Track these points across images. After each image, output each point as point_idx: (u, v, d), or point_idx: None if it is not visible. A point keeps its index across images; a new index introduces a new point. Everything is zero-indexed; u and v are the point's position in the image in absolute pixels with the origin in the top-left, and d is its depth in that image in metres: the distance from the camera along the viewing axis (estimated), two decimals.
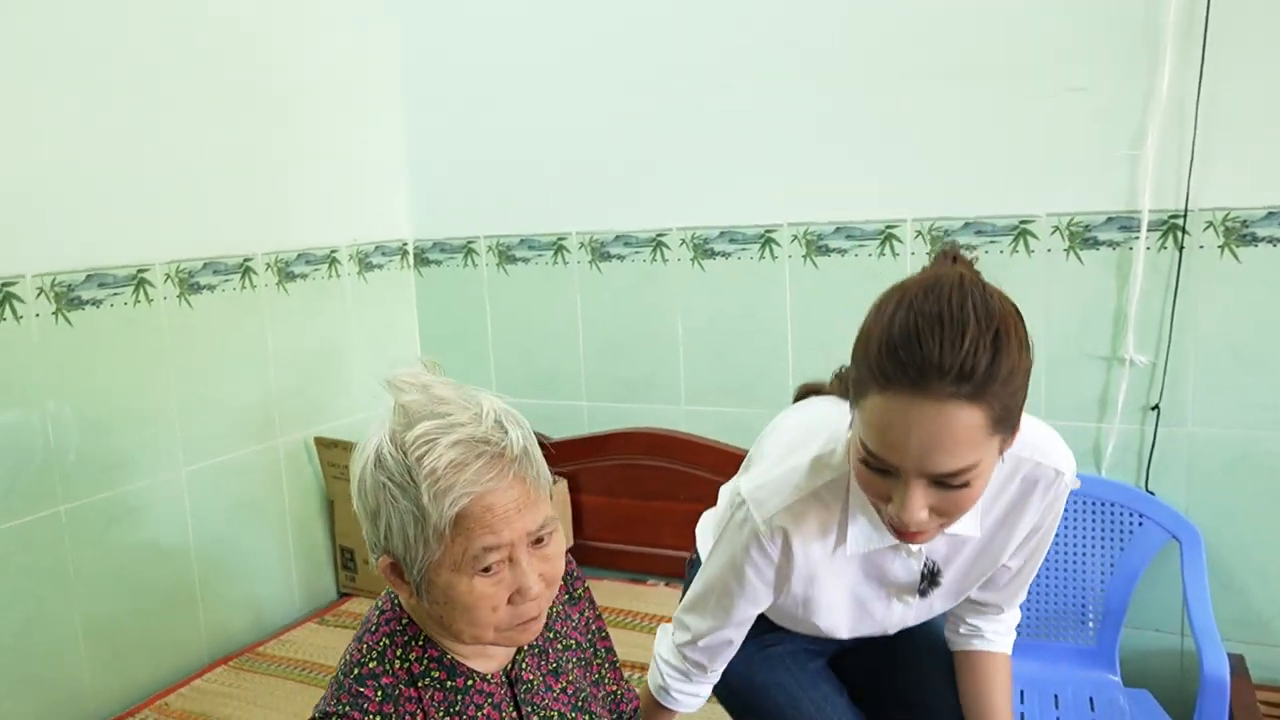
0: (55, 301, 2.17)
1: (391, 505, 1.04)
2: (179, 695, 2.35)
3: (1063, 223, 2.35)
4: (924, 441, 1.06)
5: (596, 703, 1.31)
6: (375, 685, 1.10)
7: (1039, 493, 1.29)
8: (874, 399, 1.08)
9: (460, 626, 1.08)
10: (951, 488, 1.10)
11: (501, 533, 1.04)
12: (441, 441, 1.03)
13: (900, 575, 1.36)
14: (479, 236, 3.05)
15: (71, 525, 2.21)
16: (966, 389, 1.03)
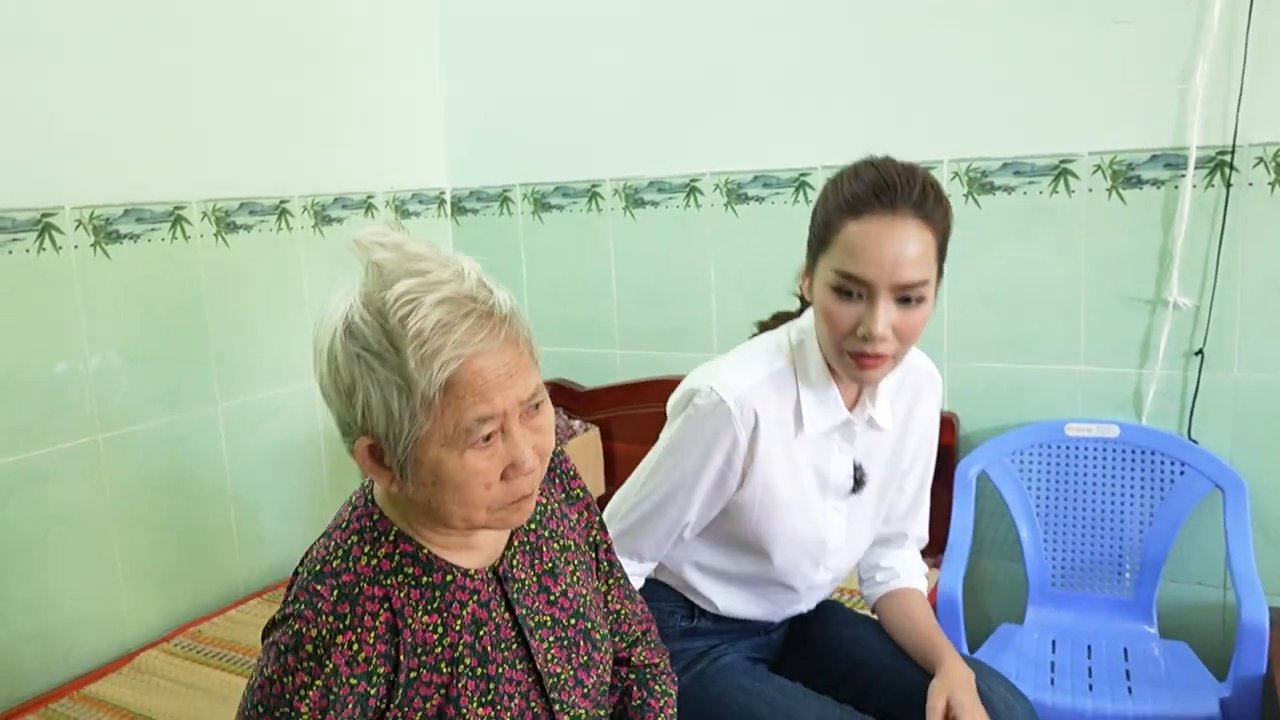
0: (94, 234, 2.22)
1: (370, 378, 0.95)
2: (212, 624, 2.41)
3: (1105, 161, 2.28)
4: (896, 252, 1.29)
5: (597, 612, 1.24)
6: (334, 583, 1.01)
7: (924, 393, 1.56)
8: (849, 228, 1.31)
9: (450, 508, 1.00)
10: (910, 307, 1.32)
11: (494, 400, 0.96)
12: (425, 300, 0.94)
13: (837, 476, 1.51)
14: (514, 184, 3.06)
15: (109, 454, 2.27)
16: (922, 212, 1.30)
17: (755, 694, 1.50)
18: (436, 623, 1.05)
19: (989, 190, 2.40)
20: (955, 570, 2.21)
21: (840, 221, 1.32)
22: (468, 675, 1.07)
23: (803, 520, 1.50)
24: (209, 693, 2.10)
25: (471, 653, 1.07)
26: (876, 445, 1.53)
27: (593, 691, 1.20)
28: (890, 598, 1.64)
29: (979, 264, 2.45)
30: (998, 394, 2.47)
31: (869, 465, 1.53)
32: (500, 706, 1.08)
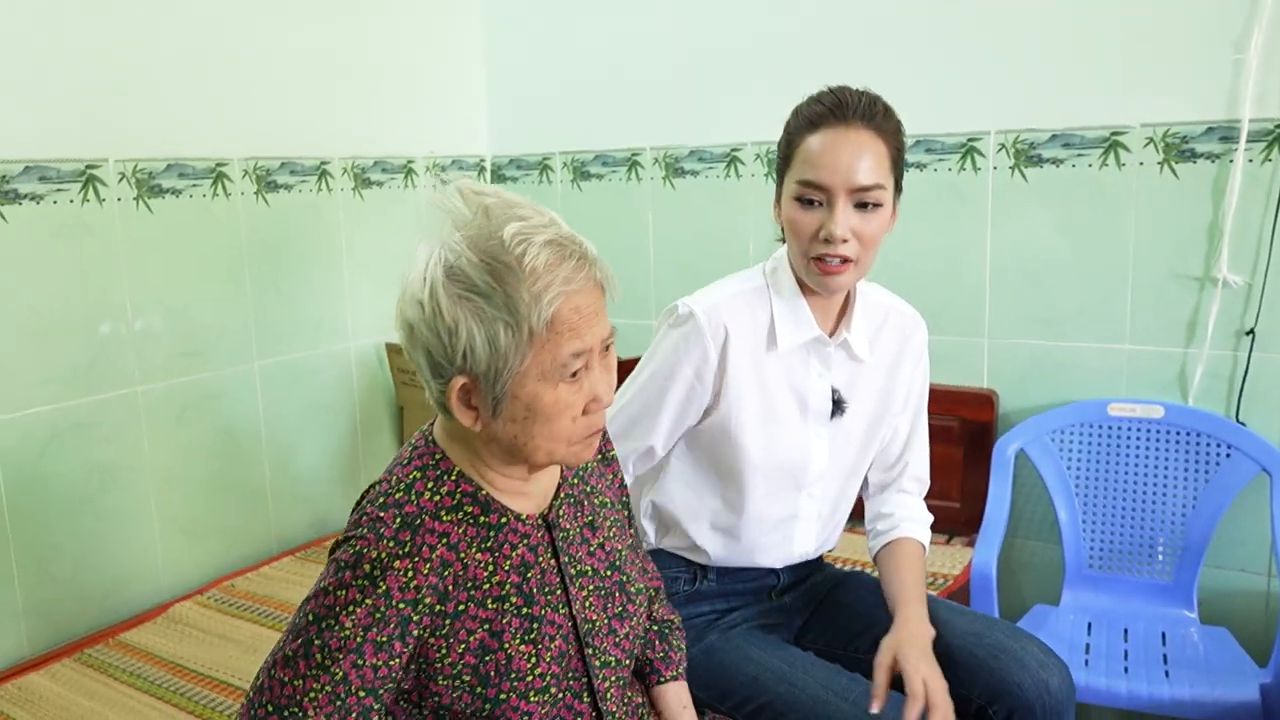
0: (137, 188, 2.25)
1: (475, 318, 1.01)
2: (245, 579, 2.45)
3: (1158, 134, 2.23)
4: (852, 158, 1.40)
5: (633, 568, 1.28)
6: (397, 513, 1.07)
7: (908, 334, 1.64)
8: (808, 141, 1.42)
9: (537, 442, 1.07)
10: (868, 211, 1.42)
11: (586, 336, 1.04)
12: (535, 240, 1.02)
13: (816, 398, 1.57)
14: (554, 153, 3.06)
15: (147, 406, 2.31)
16: (874, 125, 1.41)
17: (764, 665, 1.50)
18: (488, 561, 1.11)
19: (1036, 163, 2.36)
20: (990, 549, 2.18)
21: (799, 138, 1.44)
22: (513, 613, 1.11)
23: (781, 436, 1.55)
24: (239, 643, 2.13)
25: (518, 592, 1.12)
26: (858, 376, 1.60)
27: (624, 641, 1.23)
28: (886, 549, 1.65)
29: (1023, 238, 2.40)
30: (1039, 371, 2.43)
31: (850, 393, 1.59)
32: (541, 645, 1.13)
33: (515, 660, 1.11)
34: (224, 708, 1.89)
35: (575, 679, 1.17)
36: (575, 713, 1.17)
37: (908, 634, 1.44)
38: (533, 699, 1.12)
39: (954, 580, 2.27)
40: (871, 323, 1.61)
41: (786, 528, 1.62)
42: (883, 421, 1.65)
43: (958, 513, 2.52)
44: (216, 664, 2.05)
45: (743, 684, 1.49)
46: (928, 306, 2.50)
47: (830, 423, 1.58)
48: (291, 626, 1.06)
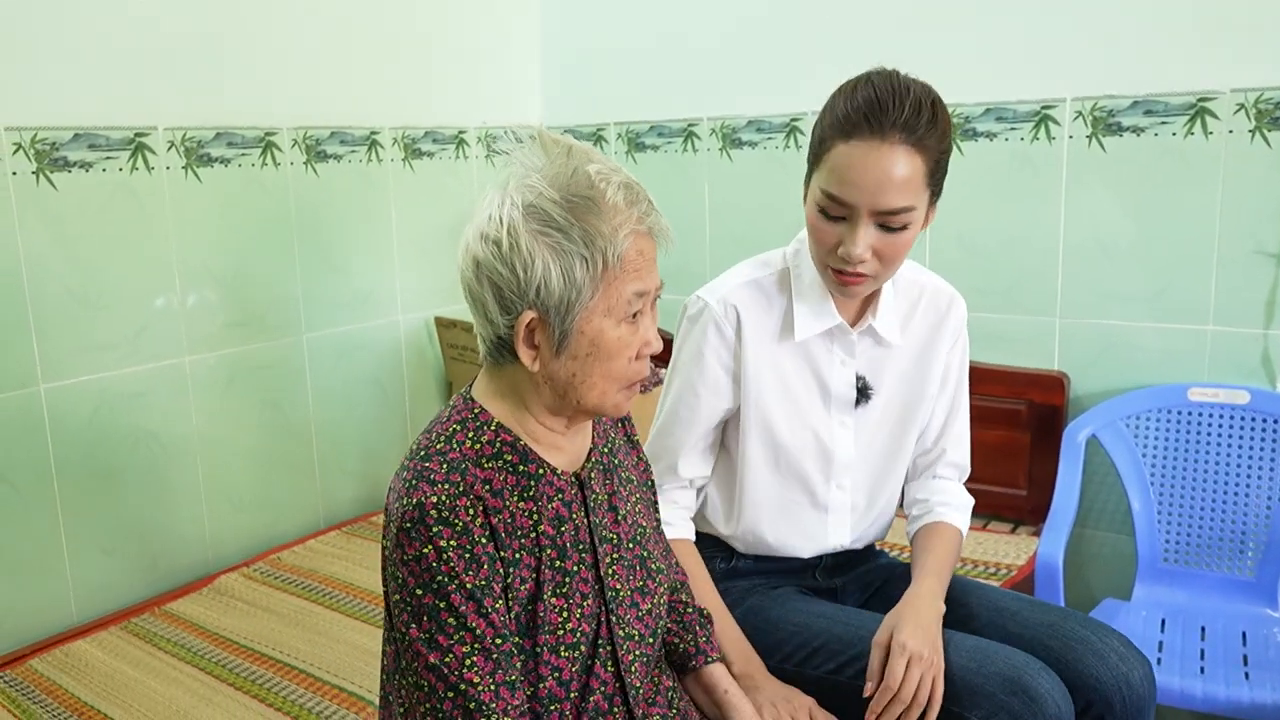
0: (185, 156, 2.26)
1: (553, 252, 1.07)
2: (292, 552, 2.46)
3: (1249, 100, 2.11)
4: (879, 179, 1.30)
5: (655, 546, 1.30)
6: (441, 460, 1.10)
7: (944, 314, 1.55)
8: (838, 149, 1.32)
9: (594, 380, 1.12)
10: (891, 230, 1.33)
11: (646, 279, 1.11)
12: (614, 180, 1.09)
13: (839, 386, 1.51)
14: (609, 123, 3.01)
15: (195, 376, 2.32)
16: (913, 138, 1.30)
17: (812, 612, 1.48)
18: (531, 510, 1.14)
19: (1115, 132, 2.25)
20: (1057, 539, 2.10)
21: (831, 141, 1.34)
22: (548, 565, 1.14)
23: (802, 426, 1.51)
24: (283, 616, 2.14)
25: (553, 545, 1.15)
26: (887, 361, 1.53)
27: (646, 617, 1.23)
28: (919, 533, 1.59)
29: (1099, 211, 2.29)
30: (1114, 353, 2.33)
31: (876, 379, 1.53)
32: (572, 601, 1.15)
33: (549, 613, 1.13)
34: (265, 680, 1.89)
35: (603, 646, 1.18)
36: (601, 680, 1.18)
37: (911, 610, 1.37)
38: (563, 654, 1.14)
39: (1018, 571, 2.19)
40: (904, 303, 1.54)
41: (816, 521, 1.56)
42: (919, 406, 1.57)
43: (1024, 501, 2.43)
44: (260, 637, 2.06)
45: (792, 633, 1.46)
46: (995, 283, 2.43)
47: (855, 411, 1.53)
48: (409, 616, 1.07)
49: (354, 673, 1.90)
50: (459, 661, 1.06)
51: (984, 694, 1.30)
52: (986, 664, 1.33)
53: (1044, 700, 1.28)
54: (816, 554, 1.60)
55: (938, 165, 1.35)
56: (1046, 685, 1.30)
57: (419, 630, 1.07)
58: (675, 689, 1.32)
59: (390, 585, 1.11)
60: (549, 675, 1.13)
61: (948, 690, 1.32)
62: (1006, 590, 1.56)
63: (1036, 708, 1.27)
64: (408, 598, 1.07)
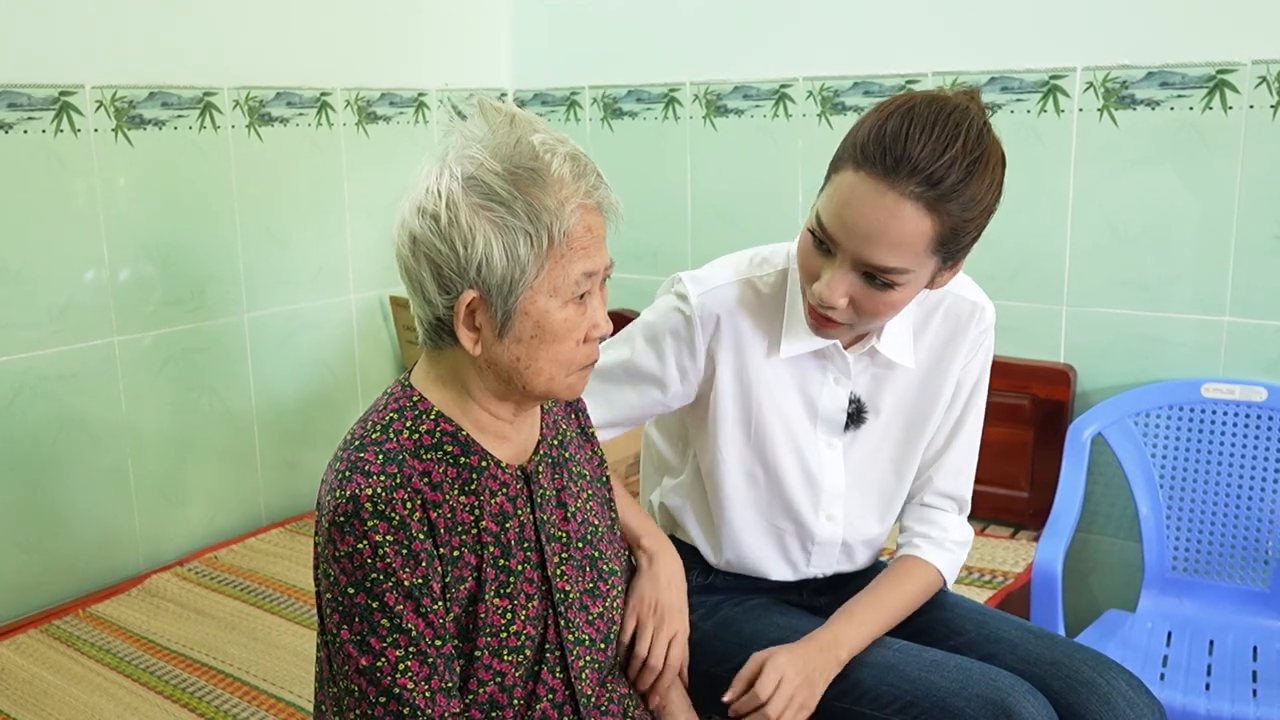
0: (115, 117, 2.28)
1: (495, 228, 1.08)
2: (230, 551, 2.49)
3: (1272, 72, 2.15)
4: (871, 227, 1.24)
5: (609, 547, 1.32)
6: (377, 450, 1.12)
7: (963, 326, 1.48)
8: (846, 174, 1.27)
9: (540, 364, 1.13)
10: (875, 286, 1.28)
11: (595, 258, 1.12)
12: (560, 151, 1.10)
13: (828, 406, 1.49)
14: (584, 87, 3.04)
15: (125, 358, 2.35)
16: (929, 195, 1.22)
17: (789, 626, 1.48)
18: (472, 504, 1.16)
19: (1129, 104, 2.29)
20: (1056, 544, 2.14)
21: (844, 163, 1.28)
22: (490, 564, 1.16)
23: (788, 449, 1.49)
24: (219, 620, 2.17)
25: (496, 542, 1.17)
26: (890, 381, 1.49)
27: (598, 621, 1.26)
28: (890, 564, 1.56)
29: (1110, 190, 2.34)
30: (1124, 345, 2.37)
31: (875, 400, 1.50)
32: (516, 603, 1.18)
33: (491, 614, 1.15)
34: (196, 688, 1.92)
35: (550, 651, 1.20)
36: (548, 687, 1.20)
37: (803, 649, 1.38)
38: (506, 657, 1.16)
39: (1014, 579, 2.24)
40: (919, 314, 1.48)
41: (800, 551, 1.56)
42: (924, 429, 1.53)
43: (1025, 503, 2.48)
44: (192, 641, 2.09)
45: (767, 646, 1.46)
46: (998, 269, 2.47)
47: (845, 434, 1.50)
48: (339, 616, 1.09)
49: (292, 680, 1.94)
50: (392, 666, 1.08)
51: (964, 717, 1.32)
52: (969, 685, 1.35)
53: None
54: (801, 579, 1.60)
55: (954, 234, 1.26)
56: (1030, 709, 1.31)
57: (350, 632, 1.09)
58: (631, 697, 1.35)
59: (321, 584, 1.13)
60: (490, 680, 1.16)
61: (928, 713, 1.34)
62: (1008, 617, 1.56)
63: None
64: (339, 596, 1.09)
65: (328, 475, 1.15)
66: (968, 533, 1.59)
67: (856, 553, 1.58)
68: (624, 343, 1.53)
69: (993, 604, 2.13)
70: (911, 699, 1.37)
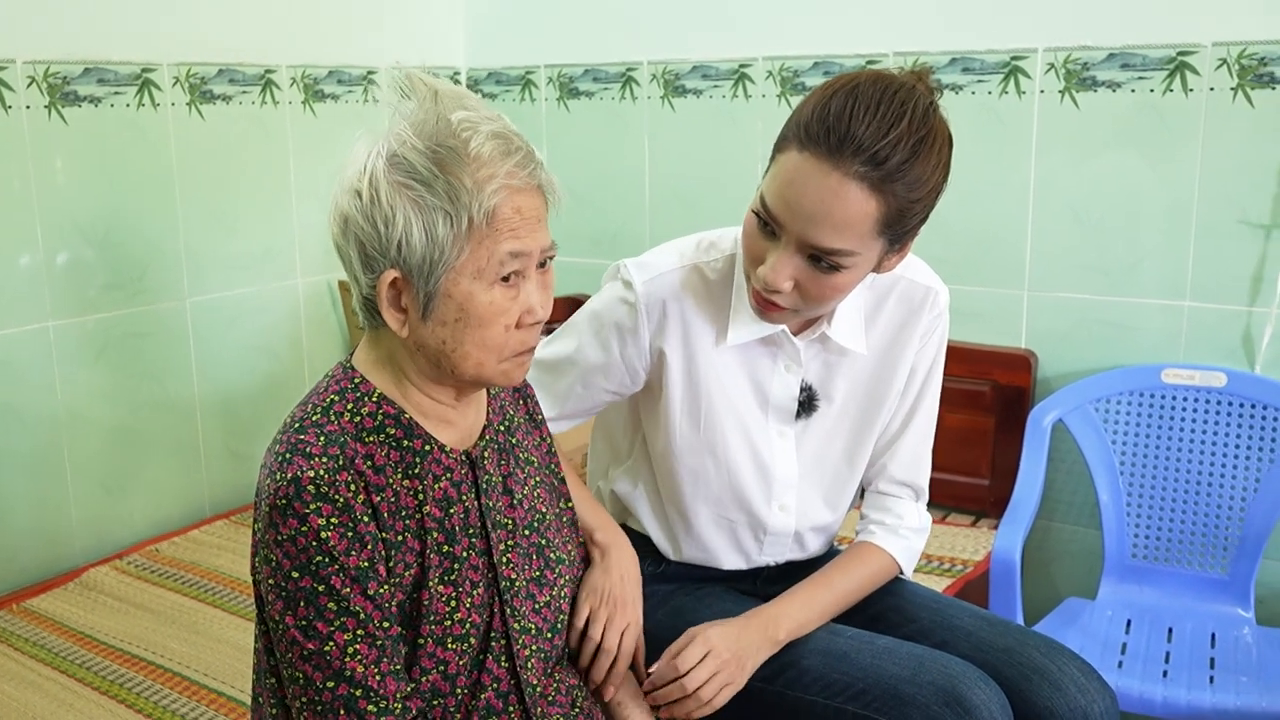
0: (48, 94, 2.24)
1: (414, 207, 1.08)
2: (171, 543, 2.47)
3: (1232, 54, 2.17)
4: (815, 208, 1.25)
5: (556, 535, 1.32)
6: (318, 433, 1.12)
7: (917, 310, 1.49)
8: (790, 154, 1.28)
9: (468, 349, 1.13)
10: (821, 269, 1.29)
11: (526, 239, 1.11)
12: (482, 129, 1.09)
13: (779, 394, 1.49)
14: (539, 66, 3.02)
15: (61, 343, 2.31)
16: (873, 176, 1.23)
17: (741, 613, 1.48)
18: (416, 489, 1.16)
19: (1090, 86, 2.31)
20: (1015, 532, 2.16)
21: (789, 142, 1.29)
22: (434, 550, 1.17)
23: (739, 439, 1.49)
24: (159, 614, 2.15)
25: (440, 528, 1.17)
26: (842, 366, 1.50)
27: (545, 610, 1.27)
28: (844, 551, 1.58)
29: (1071, 173, 2.36)
30: (1084, 331, 2.40)
31: (827, 388, 1.51)
32: (461, 590, 1.18)
33: (435, 602, 1.16)
34: (135, 684, 1.91)
35: (496, 639, 1.21)
36: (494, 677, 1.21)
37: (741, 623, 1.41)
38: (450, 646, 1.17)
39: (973, 567, 2.26)
40: (870, 298, 1.49)
41: (752, 541, 1.57)
42: (877, 416, 1.54)
43: (986, 491, 2.51)
44: (130, 636, 2.07)
45: None
46: (958, 254, 2.49)
47: (796, 422, 1.51)
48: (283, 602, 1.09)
49: (233, 675, 1.92)
50: (340, 650, 1.09)
51: (915, 704, 1.34)
52: (921, 673, 1.36)
53: (978, 711, 1.32)
54: (754, 568, 1.61)
55: (901, 216, 1.28)
56: (982, 696, 1.33)
57: (294, 617, 1.09)
58: (580, 688, 1.35)
59: (262, 570, 1.12)
60: (433, 669, 1.16)
61: (879, 700, 1.36)
62: (963, 604, 1.58)
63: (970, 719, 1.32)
64: (282, 582, 1.09)
65: (267, 459, 1.14)
66: (925, 520, 1.60)
67: (808, 541, 1.59)
68: (570, 334, 1.53)
69: (952, 592, 2.15)
70: (862, 687, 1.38)
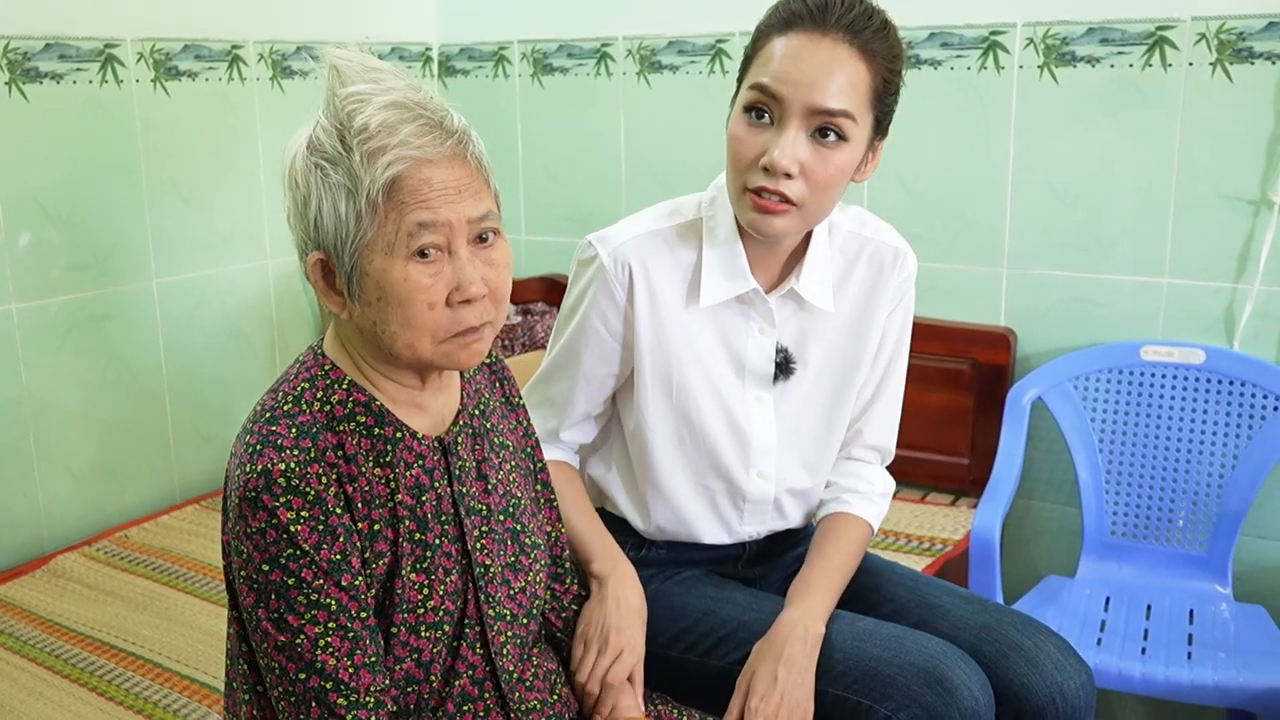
0: (8, 70, 2.22)
1: (323, 185, 1.09)
2: (141, 529, 2.46)
3: (1211, 29, 2.19)
4: (817, 70, 1.32)
5: (531, 519, 1.32)
6: (289, 423, 1.12)
7: (887, 272, 1.54)
8: (775, 40, 1.35)
9: (394, 330, 1.11)
10: (826, 144, 1.34)
11: (438, 210, 1.09)
12: (374, 101, 1.08)
13: (755, 357, 1.51)
14: (512, 41, 3.02)
15: (25, 327, 2.30)
16: (857, 41, 1.33)
17: (721, 598, 1.51)
18: (387, 477, 1.17)
19: (1069, 61, 2.32)
20: (994, 510, 2.19)
21: (766, 38, 1.37)
22: (406, 538, 1.17)
23: (714, 406, 1.51)
24: (129, 600, 2.15)
25: (412, 516, 1.18)
26: (815, 328, 1.52)
27: (520, 596, 1.27)
28: (821, 525, 1.60)
29: (1050, 150, 2.38)
30: (1063, 308, 2.42)
31: (802, 351, 1.53)
32: (434, 578, 1.19)
33: (408, 590, 1.16)
34: (105, 671, 1.91)
35: (470, 626, 1.22)
36: (468, 664, 1.22)
37: (779, 636, 1.40)
38: (424, 634, 1.18)
39: (953, 546, 2.29)
40: (841, 261, 1.53)
41: (733, 511, 1.58)
42: (852, 379, 1.57)
43: (965, 470, 2.53)
44: (100, 623, 2.06)
45: (696, 621, 1.50)
46: (937, 230, 2.51)
47: (774, 387, 1.53)
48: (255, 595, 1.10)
49: (206, 661, 1.93)
50: (312, 642, 1.09)
51: (895, 685, 1.35)
52: (901, 654, 1.38)
53: (959, 691, 1.34)
54: (736, 543, 1.62)
55: (885, 86, 1.36)
56: (963, 676, 1.35)
57: (266, 610, 1.10)
58: (557, 673, 1.37)
59: (234, 561, 1.13)
60: (407, 657, 1.17)
61: (859, 681, 1.38)
62: (942, 583, 1.60)
63: (951, 699, 1.33)
64: (253, 574, 1.10)
65: (236, 448, 1.14)
66: (890, 483, 1.66)
67: (787, 508, 1.61)
68: (555, 337, 1.55)
69: (931, 571, 2.18)
70: (843, 669, 1.40)
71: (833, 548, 1.54)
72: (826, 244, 1.51)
